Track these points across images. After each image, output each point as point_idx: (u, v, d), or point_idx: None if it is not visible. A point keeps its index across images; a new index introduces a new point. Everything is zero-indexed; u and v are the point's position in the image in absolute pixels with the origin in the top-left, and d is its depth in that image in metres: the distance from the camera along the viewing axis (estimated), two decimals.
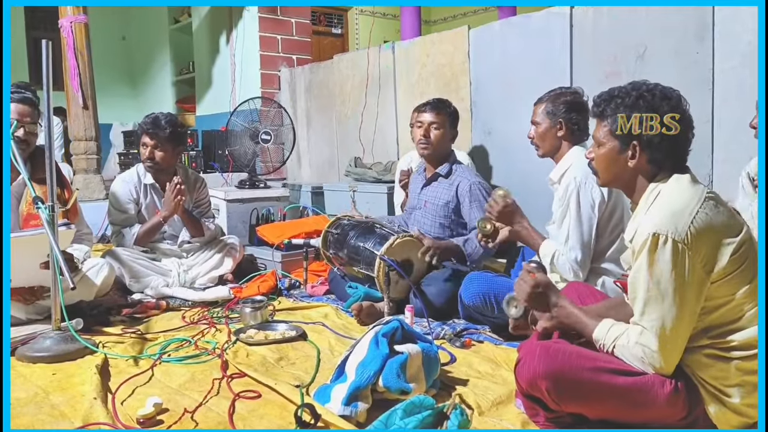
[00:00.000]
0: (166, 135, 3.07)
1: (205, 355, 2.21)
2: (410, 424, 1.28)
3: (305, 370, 2.08)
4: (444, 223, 2.87)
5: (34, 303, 2.53)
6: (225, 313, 2.73)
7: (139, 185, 3.19)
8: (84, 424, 1.61)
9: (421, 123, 2.87)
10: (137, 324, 2.59)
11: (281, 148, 4.87)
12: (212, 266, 3.19)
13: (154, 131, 3.07)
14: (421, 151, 2.94)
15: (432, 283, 2.64)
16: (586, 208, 2.17)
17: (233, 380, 1.96)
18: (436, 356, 1.90)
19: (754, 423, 1.48)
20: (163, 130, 3.07)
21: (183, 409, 1.73)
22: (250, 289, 3.03)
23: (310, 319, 2.66)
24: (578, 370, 1.46)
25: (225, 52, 5.93)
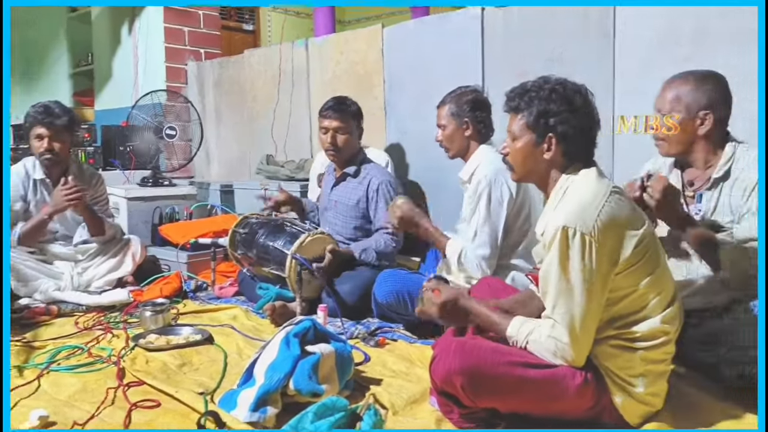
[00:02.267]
0: (63, 123, 2.84)
1: (99, 363, 2.04)
2: (322, 428, 1.22)
3: (210, 375, 1.96)
4: (356, 223, 2.82)
5: None
6: (123, 318, 2.55)
7: (27, 181, 2.93)
8: None
9: (326, 129, 2.80)
10: (24, 331, 2.36)
11: (188, 145, 4.64)
12: (110, 268, 2.97)
13: (49, 120, 2.82)
14: (330, 158, 2.88)
15: (345, 282, 2.58)
16: (495, 205, 2.19)
17: (130, 389, 1.83)
18: (349, 356, 1.84)
19: (656, 412, 1.53)
20: (59, 118, 2.83)
21: (72, 422, 1.58)
22: (152, 292, 2.84)
23: (217, 322, 2.53)
24: (493, 365, 1.46)
25: (127, 43, 5.59)
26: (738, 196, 1.78)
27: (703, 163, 1.86)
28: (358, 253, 2.68)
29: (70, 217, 2.98)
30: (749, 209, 1.75)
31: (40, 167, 2.94)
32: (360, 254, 2.68)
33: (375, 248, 2.66)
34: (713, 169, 1.83)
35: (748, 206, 1.75)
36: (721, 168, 1.81)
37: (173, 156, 4.52)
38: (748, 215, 1.75)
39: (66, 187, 2.77)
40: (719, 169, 1.81)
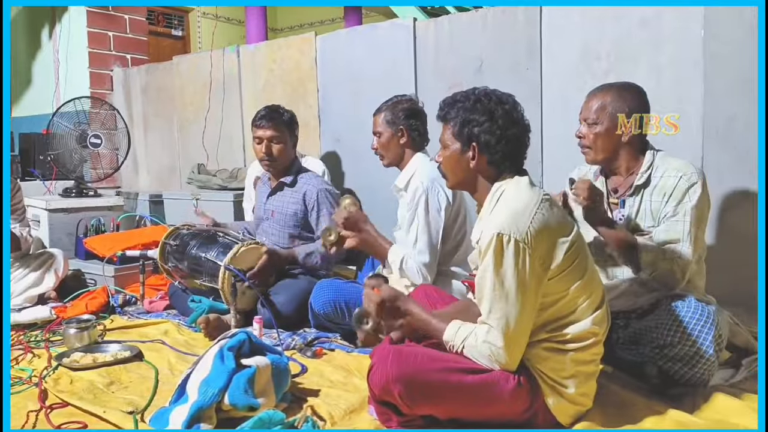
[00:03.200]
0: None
1: (18, 384, 1.92)
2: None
3: (140, 393, 1.89)
4: (293, 233, 2.78)
5: None
6: (45, 336, 2.42)
7: None
8: None
9: (260, 138, 2.76)
10: None
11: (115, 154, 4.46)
12: (29, 284, 2.82)
13: None
14: (266, 168, 2.83)
15: (281, 292, 2.54)
16: (434, 213, 2.22)
17: (53, 411, 1.73)
18: (286, 368, 1.81)
19: (587, 411, 1.58)
20: None
21: None
22: (77, 308, 2.71)
23: (147, 337, 2.44)
24: (429, 371, 1.47)
25: (47, 47, 5.34)
26: (657, 201, 1.88)
27: (626, 170, 1.96)
28: (303, 257, 2.64)
29: None
30: (666, 214, 1.85)
31: None
32: (304, 258, 2.65)
33: (321, 252, 2.61)
34: (635, 176, 1.93)
35: (666, 211, 1.85)
36: (642, 175, 1.91)
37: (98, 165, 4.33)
38: (665, 219, 1.85)
39: None
40: (640, 176, 1.91)
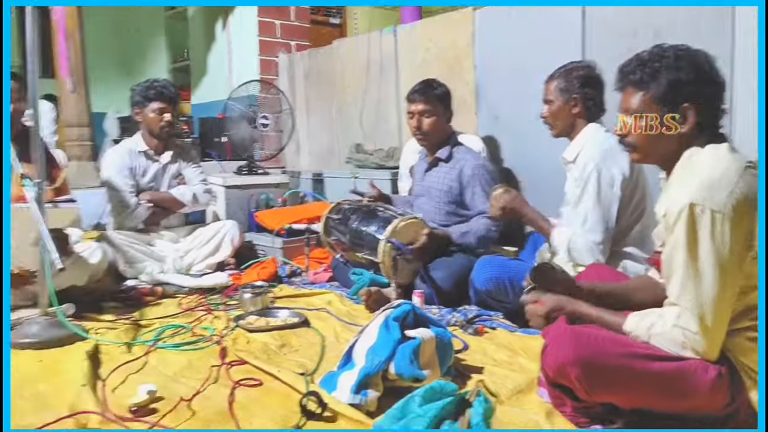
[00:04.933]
0: (171, 94, 3.10)
1: (202, 341, 2.09)
2: (430, 412, 1.16)
3: (309, 357, 1.95)
4: (449, 209, 2.74)
5: (22, 288, 2.40)
6: (223, 300, 2.61)
7: (132, 155, 3.11)
8: (70, 413, 1.49)
9: (412, 113, 2.75)
10: (131, 311, 2.45)
11: (279, 136, 4.72)
12: (209, 252, 3.06)
13: (166, 95, 3.08)
14: (419, 142, 2.83)
15: (440, 268, 2.52)
16: (606, 188, 2.05)
17: (233, 367, 1.84)
18: (450, 342, 1.78)
19: None
20: (170, 90, 3.11)
21: (179, 398, 1.61)
22: (249, 276, 2.90)
23: (312, 306, 2.53)
24: (610, 355, 1.35)
25: (221, 38, 5.77)
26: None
27: None
28: (457, 237, 2.60)
29: None
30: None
31: (142, 141, 3.12)
32: (459, 238, 2.60)
33: (476, 233, 2.58)
34: None
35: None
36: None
37: (266, 146, 4.62)
38: None
39: None
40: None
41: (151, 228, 3.11)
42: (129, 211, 3.00)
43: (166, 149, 3.19)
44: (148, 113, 3.07)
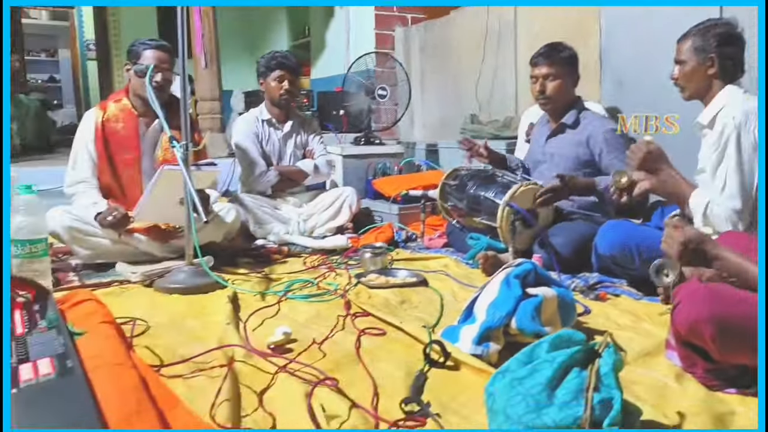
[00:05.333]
0: (294, 65, 3.25)
1: (327, 294, 2.21)
2: (558, 358, 1.17)
3: (429, 313, 2.02)
4: None
5: (168, 242, 2.65)
6: (344, 260, 2.73)
7: (258, 122, 3.30)
8: (218, 345, 1.65)
9: (535, 77, 2.69)
10: (261, 266, 2.64)
11: (394, 109, 4.80)
12: (330, 216, 3.21)
13: (287, 64, 3.22)
14: (542, 107, 2.77)
15: (559, 233, 2.48)
16: (748, 151, 1.92)
17: (357, 318, 1.94)
18: (572, 302, 1.77)
19: None
20: (291, 60, 3.25)
21: (311, 340, 1.73)
22: (367, 240, 3.01)
23: (429, 269, 2.59)
24: (749, 316, 1.29)
25: (339, 15, 5.94)
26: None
27: None
28: (602, 187, 2.50)
29: None
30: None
31: (266, 110, 3.31)
32: (604, 188, 2.48)
33: None
34: None
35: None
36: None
37: (380, 120, 4.72)
38: None
39: None
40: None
41: (276, 194, 3.31)
42: (257, 174, 3.20)
43: (288, 119, 3.36)
44: (270, 82, 3.25)
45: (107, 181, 2.70)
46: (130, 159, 2.74)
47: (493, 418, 1.19)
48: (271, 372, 1.50)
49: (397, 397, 1.38)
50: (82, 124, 2.74)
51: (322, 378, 1.45)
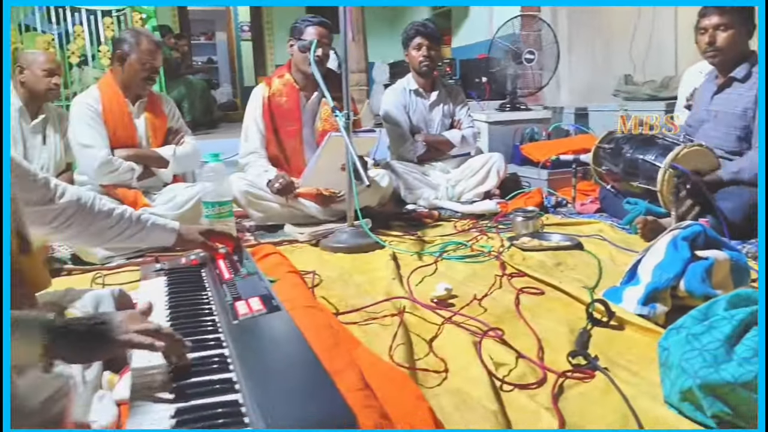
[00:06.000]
0: (436, 33, 3.30)
1: (482, 256, 2.28)
2: (738, 315, 1.15)
3: (587, 275, 2.02)
4: (740, 134, 2.50)
5: (329, 206, 2.86)
6: (494, 224, 2.78)
7: (405, 92, 3.39)
8: (386, 297, 1.78)
9: (704, 29, 2.50)
10: (414, 229, 2.76)
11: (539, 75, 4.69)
12: (477, 182, 3.25)
13: (426, 31, 3.28)
14: (710, 60, 2.58)
15: (729, 198, 2.33)
16: None
17: (513, 278, 1.99)
18: (746, 266, 1.69)
19: None
20: (429, 27, 3.31)
21: (472, 296, 1.81)
22: (516, 205, 3.02)
23: (583, 233, 2.56)
24: None
25: None
26: None
27: None
28: (729, 177, 2.36)
29: None
30: None
31: (413, 81, 3.38)
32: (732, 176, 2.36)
33: (751, 170, 2.31)
34: None
35: None
36: None
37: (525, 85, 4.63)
38: None
39: None
40: None
41: (424, 161, 3.41)
42: (407, 143, 3.31)
43: (434, 88, 3.42)
44: (411, 51, 3.34)
45: (274, 151, 2.95)
46: (293, 130, 2.96)
47: (667, 372, 1.20)
48: (437, 323, 1.61)
49: (561, 351, 1.42)
50: (251, 99, 3.00)
51: (487, 329, 1.53)
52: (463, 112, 3.44)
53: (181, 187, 2.70)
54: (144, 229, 1.57)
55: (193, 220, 2.48)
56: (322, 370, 0.91)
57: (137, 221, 1.55)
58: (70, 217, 1.41)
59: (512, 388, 1.27)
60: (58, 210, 1.39)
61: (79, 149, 2.57)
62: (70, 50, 4.27)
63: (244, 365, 0.97)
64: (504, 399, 1.22)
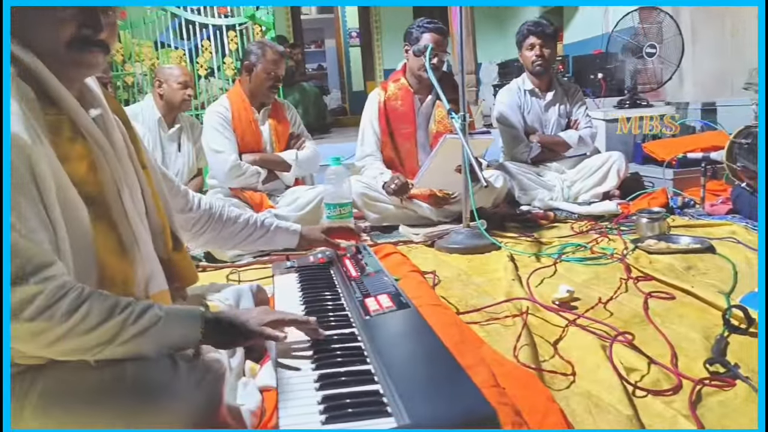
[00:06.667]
0: (550, 32, 3.23)
1: (603, 258, 2.21)
2: None
3: (721, 280, 1.90)
4: None
5: (443, 207, 2.88)
6: (615, 226, 2.68)
7: (520, 92, 3.34)
8: (507, 298, 1.78)
9: None
10: (529, 231, 2.72)
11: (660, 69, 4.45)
12: (595, 182, 3.15)
13: (535, 30, 3.23)
14: None
15: None
16: None
17: (639, 282, 1.92)
18: None
19: None
20: (547, 27, 3.24)
21: (596, 299, 1.77)
22: (639, 206, 2.89)
23: (713, 236, 2.41)
24: None
25: None
26: None
27: None
28: None
29: None
30: None
31: (528, 81, 3.34)
32: None
33: None
34: None
35: None
36: None
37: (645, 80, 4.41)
38: None
39: None
40: None
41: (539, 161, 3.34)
42: (522, 145, 3.27)
43: (550, 88, 3.35)
44: (524, 51, 3.28)
45: (389, 154, 3.02)
46: (408, 133, 3.02)
47: None
48: (561, 325, 1.59)
49: (696, 357, 1.36)
50: (367, 104, 3.09)
51: (616, 333, 1.49)
52: (580, 111, 3.34)
53: (302, 189, 2.83)
54: (268, 232, 1.66)
55: (314, 221, 2.61)
56: (457, 365, 0.94)
57: (261, 225, 1.65)
58: (204, 224, 1.54)
59: (645, 393, 1.23)
60: (195, 218, 1.52)
61: (212, 154, 2.77)
62: (199, 63, 4.61)
63: (380, 358, 1.02)
64: (637, 404, 1.19)
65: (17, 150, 0.89)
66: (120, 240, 1.05)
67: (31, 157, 0.90)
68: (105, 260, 1.01)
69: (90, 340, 0.90)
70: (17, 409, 0.94)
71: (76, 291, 0.89)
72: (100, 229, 1.01)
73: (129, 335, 0.93)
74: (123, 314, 0.93)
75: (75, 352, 0.91)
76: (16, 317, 0.85)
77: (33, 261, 0.87)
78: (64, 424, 0.93)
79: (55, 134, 0.98)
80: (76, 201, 0.98)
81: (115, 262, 1.03)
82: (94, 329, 0.90)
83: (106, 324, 0.91)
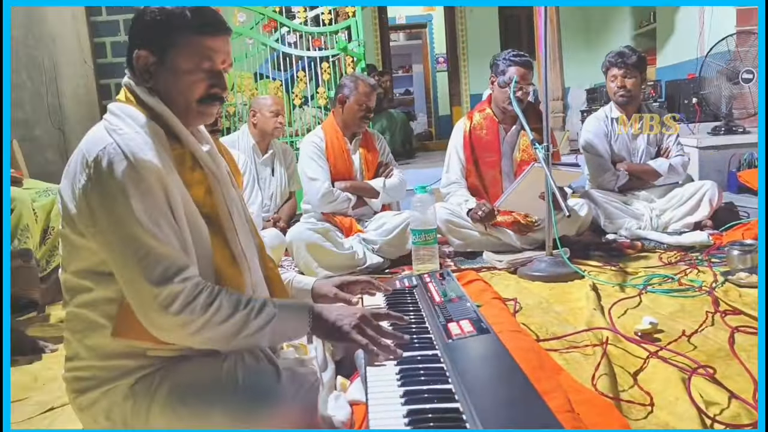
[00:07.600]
0: (633, 62, 3.16)
1: (691, 291, 2.18)
2: None
3: None
4: None
5: (527, 235, 2.93)
6: (705, 257, 2.62)
7: (607, 120, 3.32)
8: (587, 327, 1.82)
9: None
10: (615, 260, 2.71)
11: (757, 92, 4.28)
12: (686, 212, 3.08)
13: (618, 62, 3.18)
14: None
15: None
16: None
17: (727, 316, 1.89)
18: None
19: None
20: (629, 57, 3.17)
21: (680, 331, 1.77)
22: (732, 237, 2.81)
23: None
24: None
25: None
26: None
27: None
28: None
29: None
30: None
31: (615, 108, 3.30)
32: None
33: None
34: None
35: None
36: None
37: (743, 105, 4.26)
38: None
39: None
40: None
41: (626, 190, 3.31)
42: (608, 174, 3.25)
43: None
44: (609, 81, 3.26)
45: (473, 181, 3.11)
46: (492, 161, 3.09)
47: None
48: (642, 357, 1.61)
49: None
50: (453, 133, 3.20)
51: (696, 366, 1.50)
52: (671, 139, 3.28)
53: (389, 214, 2.97)
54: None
55: (401, 245, 2.77)
56: (533, 390, 1.02)
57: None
58: None
59: (724, 427, 1.25)
60: None
61: (306, 181, 2.96)
62: (294, 93, 4.89)
63: (461, 379, 1.11)
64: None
65: (155, 177, 1.09)
66: (232, 253, 1.23)
67: (166, 183, 1.10)
68: (221, 268, 1.20)
69: (224, 330, 1.09)
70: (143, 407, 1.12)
71: (209, 289, 1.09)
72: (216, 243, 1.20)
73: (253, 329, 1.11)
74: (246, 308, 1.11)
75: (212, 341, 1.10)
76: (165, 311, 1.04)
77: (175, 264, 1.07)
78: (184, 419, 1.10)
79: (180, 165, 1.18)
80: (198, 219, 1.18)
81: (229, 270, 1.21)
82: (225, 321, 1.09)
83: (235, 317, 1.09)
